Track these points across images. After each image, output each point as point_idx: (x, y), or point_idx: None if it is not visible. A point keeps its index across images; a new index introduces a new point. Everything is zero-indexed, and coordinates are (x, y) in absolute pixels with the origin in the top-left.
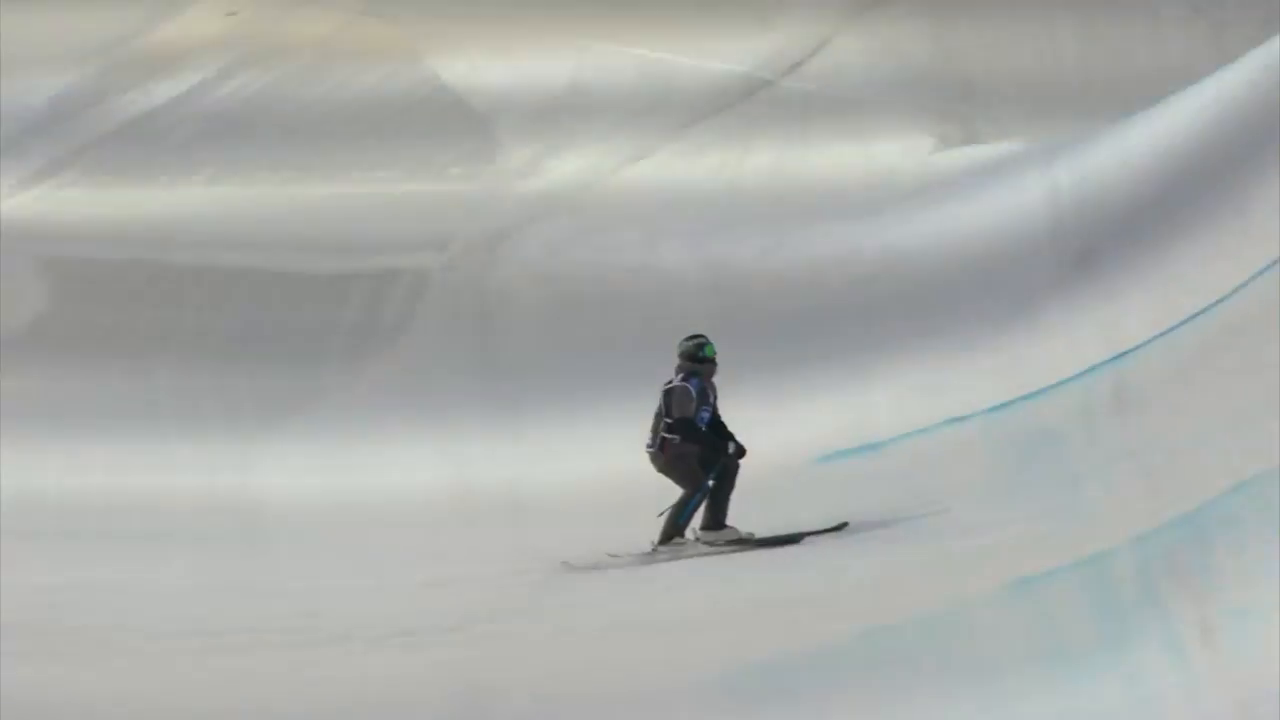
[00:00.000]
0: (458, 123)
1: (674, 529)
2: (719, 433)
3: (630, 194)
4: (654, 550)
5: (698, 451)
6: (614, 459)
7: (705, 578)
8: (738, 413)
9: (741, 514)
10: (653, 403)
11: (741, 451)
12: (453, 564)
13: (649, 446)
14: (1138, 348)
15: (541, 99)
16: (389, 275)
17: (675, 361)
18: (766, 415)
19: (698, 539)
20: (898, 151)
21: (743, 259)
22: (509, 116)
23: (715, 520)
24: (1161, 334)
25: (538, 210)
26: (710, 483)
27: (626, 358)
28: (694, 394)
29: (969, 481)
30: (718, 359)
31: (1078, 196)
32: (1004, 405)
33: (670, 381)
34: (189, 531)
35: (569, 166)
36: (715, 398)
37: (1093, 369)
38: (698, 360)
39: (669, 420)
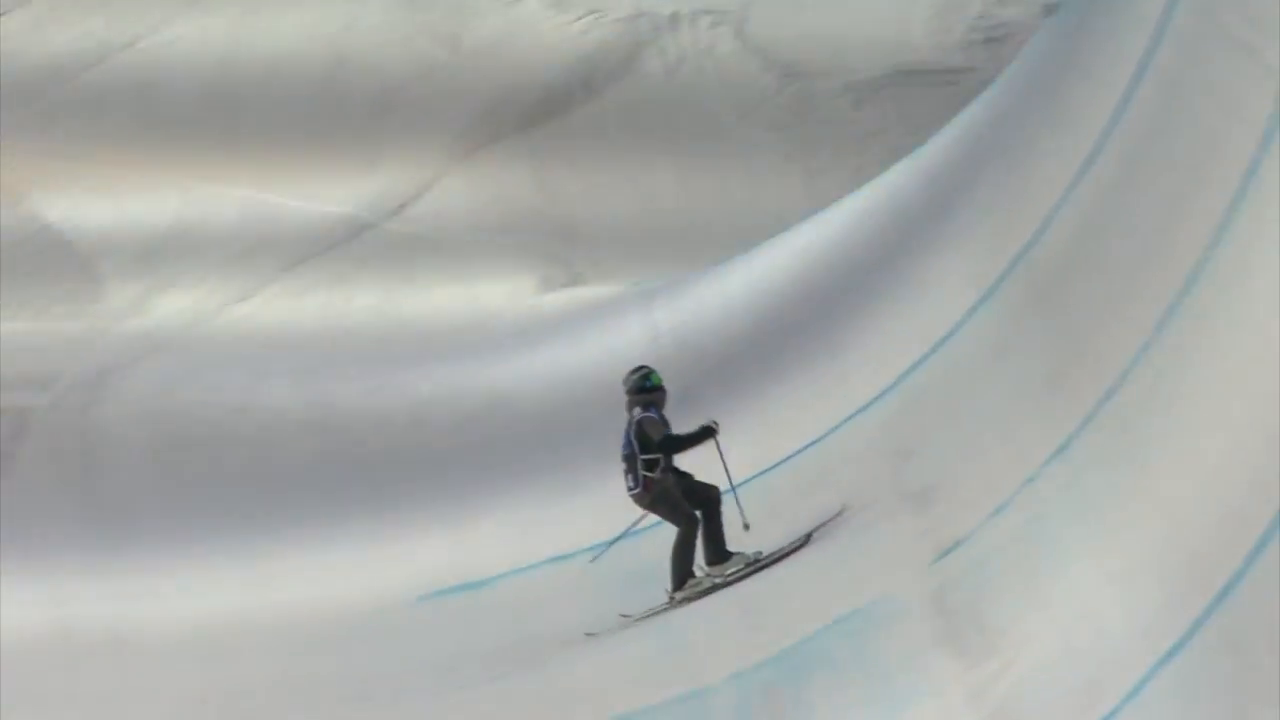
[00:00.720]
0: (61, 262)
1: (683, 571)
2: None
3: (235, 333)
4: (671, 599)
5: (679, 485)
6: (218, 596)
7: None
8: (339, 554)
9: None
10: (253, 542)
11: (714, 429)
12: (54, 705)
13: (631, 489)
14: (736, 486)
15: (145, 238)
16: None
17: (624, 398)
18: (369, 554)
19: (708, 575)
20: (501, 293)
21: (347, 398)
22: (113, 255)
23: (717, 552)
24: (759, 474)
25: (142, 349)
26: (697, 513)
27: (231, 496)
28: (659, 418)
29: (571, 618)
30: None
31: (677, 338)
32: (606, 543)
33: (629, 423)
34: None
35: (174, 306)
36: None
37: None
38: (647, 390)
39: (645, 457)
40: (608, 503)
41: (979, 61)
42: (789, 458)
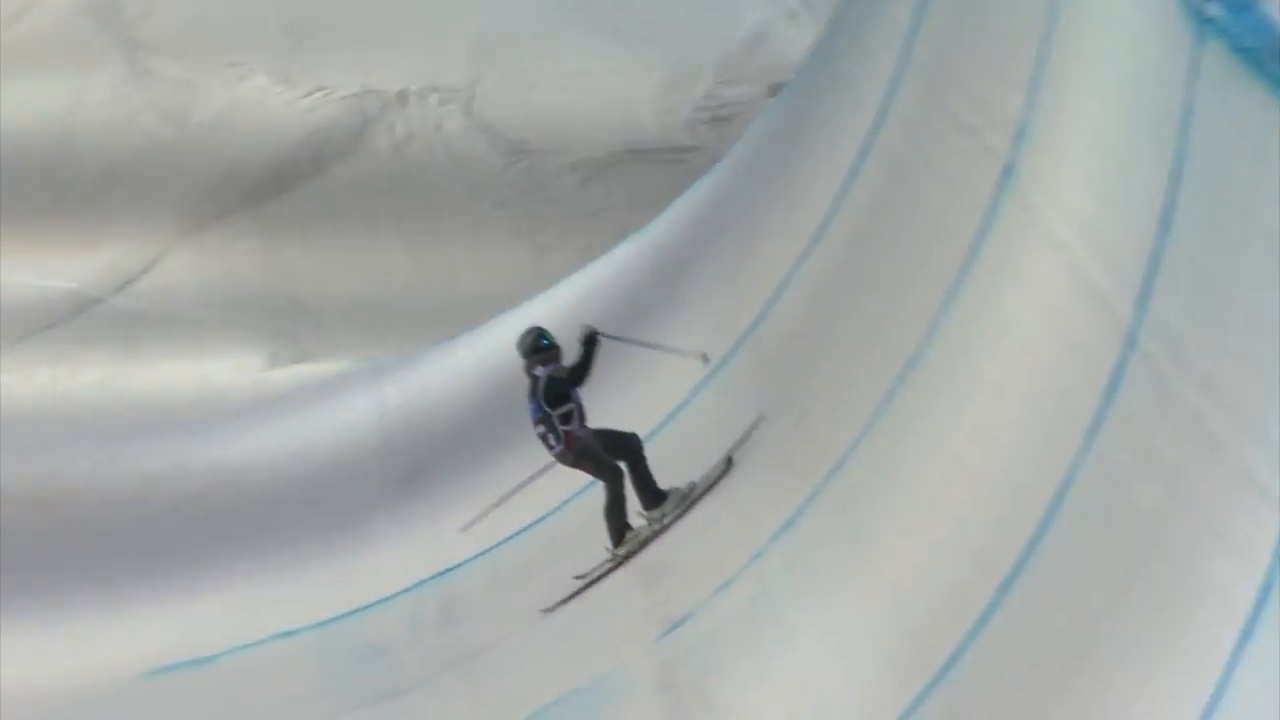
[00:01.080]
0: None
1: (620, 524)
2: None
3: None
4: (614, 555)
5: (599, 439)
6: None
7: None
8: (62, 630)
9: None
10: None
11: (593, 334)
12: None
13: (552, 449)
14: (463, 563)
15: None
16: None
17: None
18: (93, 630)
19: (648, 521)
20: (229, 369)
21: (72, 475)
22: None
23: (652, 496)
24: (485, 551)
25: None
26: (620, 464)
27: None
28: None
29: (298, 695)
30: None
31: (406, 414)
32: (333, 619)
33: (534, 385)
34: None
35: None
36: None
37: (420, 583)
38: (543, 350)
39: (559, 411)
40: (335, 579)
41: (705, 140)
42: (520, 532)
